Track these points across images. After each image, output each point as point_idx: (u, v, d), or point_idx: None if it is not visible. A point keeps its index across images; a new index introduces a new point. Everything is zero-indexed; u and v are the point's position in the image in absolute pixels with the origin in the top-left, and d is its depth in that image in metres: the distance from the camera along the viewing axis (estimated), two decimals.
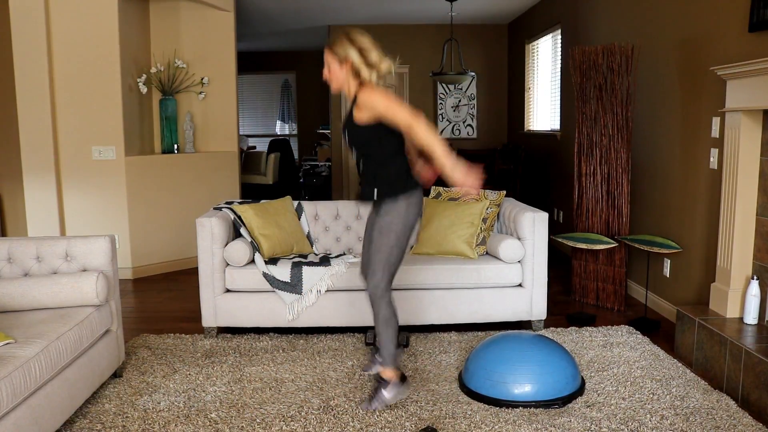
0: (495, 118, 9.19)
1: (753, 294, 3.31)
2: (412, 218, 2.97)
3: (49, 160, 5.26)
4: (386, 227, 2.92)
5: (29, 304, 2.98)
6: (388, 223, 2.92)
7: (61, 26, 5.20)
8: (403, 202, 2.92)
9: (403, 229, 2.93)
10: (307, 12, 8.09)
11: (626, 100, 4.41)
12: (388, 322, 2.95)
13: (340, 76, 2.89)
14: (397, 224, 2.91)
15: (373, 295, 2.94)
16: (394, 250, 2.94)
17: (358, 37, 2.86)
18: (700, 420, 2.84)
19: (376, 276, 2.93)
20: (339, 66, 2.87)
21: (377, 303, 2.94)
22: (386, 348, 2.98)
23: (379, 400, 2.97)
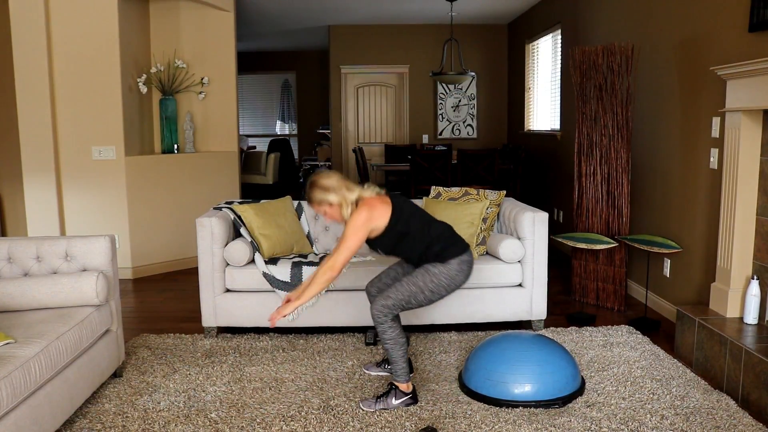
0: (495, 118, 9.19)
1: (753, 294, 3.31)
2: (461, 280, 2.99)
3: (49, 160, 5.26)
4: (432, 273, 2.95)
5: (29, 304, 2.98)
6: (436, 272, 2.95)
7: (61, 26, 5.20)
8: (454, 263, 2.96)
9: (445, 284, 2.97)
10: (307, 12, 8.09)
11: (626, 100, 4.41)
12: (396, 341, 2.95)
13: (336, 215, 2.98)
14: (443, 278, 2.95)
15: (377, 317, 2.93)
16: (423, 295, 2.95)
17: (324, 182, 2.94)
18: (700, 420, 2.84)
19: (387, 301, 2.93)
20: (330, 207, 2.96)
21: (381, 326, 2.94)
22: (397, 365, 2.98)
23: (385, 403, 2.97)
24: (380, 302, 2.93)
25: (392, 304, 2.92)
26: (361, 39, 9.01)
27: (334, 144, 9.36)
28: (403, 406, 2.98)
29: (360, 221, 2.88)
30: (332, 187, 2.92)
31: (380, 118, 9.29)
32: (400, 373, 2.98)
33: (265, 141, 12.36)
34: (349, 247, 2.87)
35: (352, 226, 2.88)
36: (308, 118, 12.56)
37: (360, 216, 2.88)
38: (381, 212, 2.92)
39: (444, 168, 6.52)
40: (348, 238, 2.87)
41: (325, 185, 2.93)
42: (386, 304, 2.92)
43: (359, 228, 2.88)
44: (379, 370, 3.40)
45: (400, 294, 2.93)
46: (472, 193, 4.37)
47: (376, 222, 2.91)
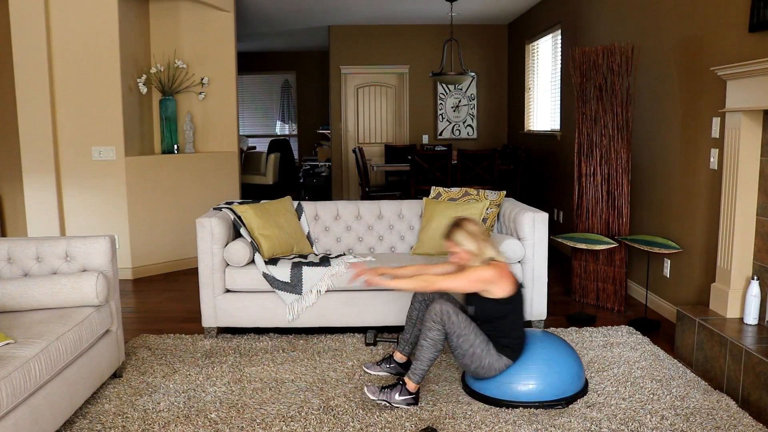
0: (495, 118, 9.19)
1: (753, 294, 3.30)
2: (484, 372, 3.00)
3: (49, 160, 5.26)
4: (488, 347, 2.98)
5: (29, 304, 2.98)
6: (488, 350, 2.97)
7: (61, 26, 5.20)
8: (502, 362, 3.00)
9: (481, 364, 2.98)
10: (307, 12, 8.09)
11: (626, 100, 4.41)
12: (435, 345, 2.95)
13: (464, 259, 3.05)
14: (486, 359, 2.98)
15: (433, 315, 2.93)
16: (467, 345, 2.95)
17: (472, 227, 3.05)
18: (701, 420, 2.84)
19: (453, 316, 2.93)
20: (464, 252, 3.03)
21: (432, 323, 2.93)
22: (422, 365, 2.97)
23: (388, 395, 2.97)
24: (448, 308, 2.94)
25: (455, 321, 2.93)
26: (361, 39, 9.01)
27: (334, 144, 9.36)
28: (404, 404, 2.98)
29: (484, 276, 2.95)
30: (477, 236, 3.02)
31: (380, 119, 9.29)
32: (418, 373, 2.98)
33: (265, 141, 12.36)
34: (457, 286, 2.98)
35: (475, 275, 2.95)
36: (308, 118, 12.56)
37: (488, 273, 2.95)
38: (505, 285, 2.98)
39: (444, 168, 6.52)
40: (464, 280, 2.96)
41: (471, 231, 3.02)
42: (451, 316, 2.93)
43: (478, 281, 2.96)
44: (379, 369, 3.40)
45: (464, 326, 2.94)
46: (472, 193, 4.37)
47: (494, 288, 2.96)
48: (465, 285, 2.97)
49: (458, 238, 3.02)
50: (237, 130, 6.33)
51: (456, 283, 2.97)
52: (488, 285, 2.96)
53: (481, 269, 2.96)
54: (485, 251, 3.02)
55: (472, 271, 2.97)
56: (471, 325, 2.96)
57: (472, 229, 3.02)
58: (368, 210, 4.49)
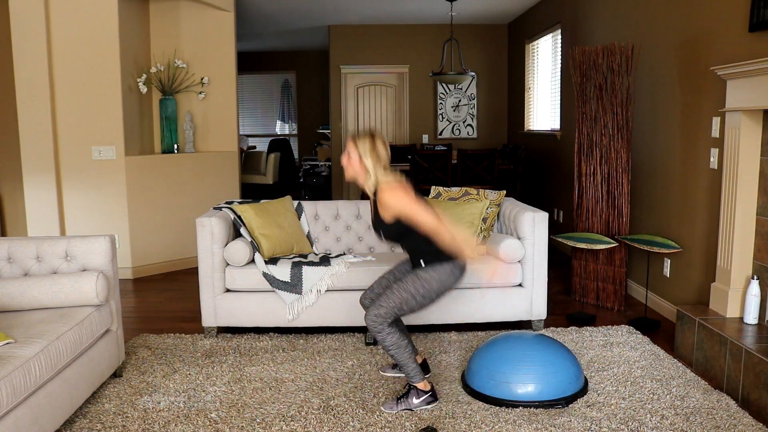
0: (495, 118, 9.19)
1: (753, 294, 3.31)
2: (451, 284, 2.98)
3: (49, 160, 5.26)
4: (423, 278, 2.93)
5: (29, 303, 2.98)
6: (427, 277, 2.93)
7: (61, 26, 5.20)
8: (448, 268, 2.95)
9: (436, 288, 2.95)
10: (307, 12, 8.09)
11: (626, 100, 4.41)
12: (398, 345, 2.93)
13: (357, 169, 2.95)
14: (434, 283, 2.94)
15: (372, 327, 2.91)
16: (414, 301, 2.93)
17: (380, 147, 2.93)
18: (701, 420, 2.84)
19: (380, 310, 2.91)
20: (358, 161, 2.93)
21: (379, 335, 2.92)
22: (407, 367, 2.96)
23: (406, 403, 2.96)
24: (373, 312, 2.91)
25: (384, 312, 2.90)
26: (361, 39, 9.01)
27: (334, 144, 9.35)
28: (425, 404, 2.97)
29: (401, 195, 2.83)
30: (379, 155, 2.90)
31: (380, 118, 9.29)
32: (412, 375, 2.97)
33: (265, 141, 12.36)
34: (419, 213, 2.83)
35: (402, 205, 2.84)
36: (308, 118, 12.56)
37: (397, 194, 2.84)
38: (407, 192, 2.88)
39: (444, 168, 6.52)
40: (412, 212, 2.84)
41: (377, 148, 2.90)
42: (378, 313, 2.90)
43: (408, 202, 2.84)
44: (395, 372, 3.39)
45: (391, 302, 2.91)
46: (472, 193, 4.37)
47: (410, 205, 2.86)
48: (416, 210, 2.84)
49: (361, 148, 2.90)
50: (237, 129, 6.33)
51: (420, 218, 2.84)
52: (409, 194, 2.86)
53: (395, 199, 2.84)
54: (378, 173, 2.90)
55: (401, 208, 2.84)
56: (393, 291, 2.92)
57: (378, 148, 2.90)
58: (368, 210, 4.49)
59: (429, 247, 2.95)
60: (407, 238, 2.99)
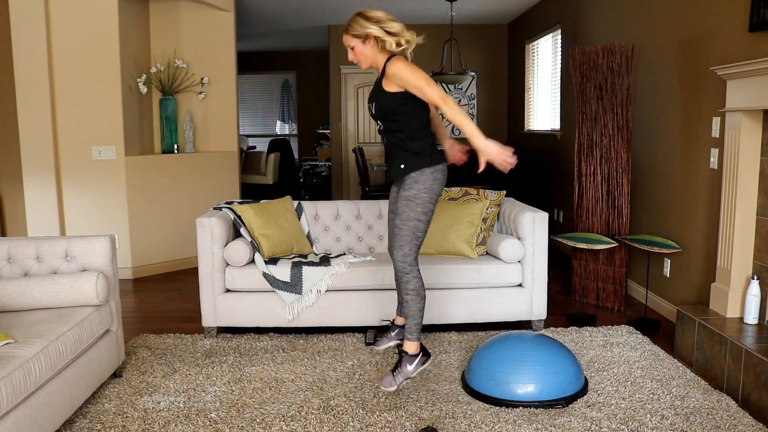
0: (495, 118, 9.19)
1: (753, 294, 3.30)
2: (438, 188, 2.95)
3: (49, 160, 5.26)
4: (412, 198, 2.91)
5: (29, 304, 2.98)
6: (414, 194, 2.91)
7: (61, 26, 5.20)
8: (429, 174, 2.91)
9: (429, 198, 2.93)
10: (307, 12, 8.09)
11: (626, 100, 4.41)
12: (419, 293, 2.94)
13: (367, 53, 2.89)
14: (423, 195, 2.91)
15: (402, 268, 2.92)
16: (419, 221, 2.92)
17: (373, 12, 2.86)
18: (701, 420, 2.84)
19: (403, 249, 2.91)
20: (362, 44, 2.87)
21: (406, 276, 2.93)
22: (414, 319, 2.96)
23: (402, 372, 2.97)
24: (397, 254, 2.91)
25: (407, 249, 2.90)
26: None
27: (334, 144, 9.35)
28: (420, 366, 2.99)
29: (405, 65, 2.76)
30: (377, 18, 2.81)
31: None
32: (414, 330, 2.97)
33: (265, 141, 12.37)
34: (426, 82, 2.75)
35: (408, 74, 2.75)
36: (308, 118, 12.56)
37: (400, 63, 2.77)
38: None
39: None
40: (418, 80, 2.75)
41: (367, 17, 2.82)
42: (403, 252, 2.90)
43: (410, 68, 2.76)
44: (386, 341, 3.29)
45: (405, 236, 2.90)
46: (472, 193, 4.37)
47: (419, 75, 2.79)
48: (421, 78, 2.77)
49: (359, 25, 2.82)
50: (237, 129, 6.33)
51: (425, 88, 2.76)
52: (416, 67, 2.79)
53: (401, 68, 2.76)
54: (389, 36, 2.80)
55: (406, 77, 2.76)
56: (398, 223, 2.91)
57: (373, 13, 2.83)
58: (368, 210, 4.49)
59: (411, 144, 2.89)
60: (395, 123, 2.91)
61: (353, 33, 2.87)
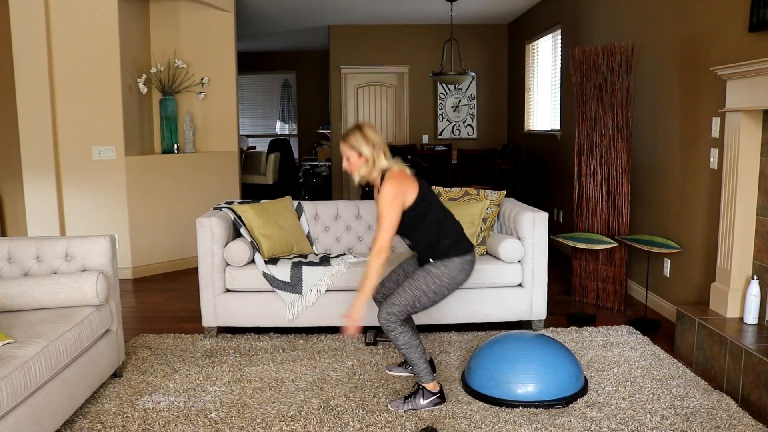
0: (495, 118, 9.19)
1: (753, 294, 3.31)
2: (462, 279, 2.99)
3: (49, 160, 5.26)
4: (434, 275, 2.94)
5: (29, 304, 2.98)
6: (438, 273, 2.94)
7: (61, 26, 5.20)
8: (458, 263, 2.96)
9: (447, 284, 2.95)
10: (307, 12, 8.09)
11: (626, 100, 4.41)
12: (410, 344, 2.94)
13: (356, 167, 2.95)
14: (445, 279, 2.94)
15: (386, 326, 2.91)
16: (426, 297, 2.94)
17: (371, 134, 2.93)
18: (701, 420, 2.84)
19: (392, 308, 2.91)
20: (357, 157, 2.94)
21: (392, 333, 2.92)
22: (418, 367, 2.97)
23: (413, 403, 2.97)
24: (386, 310, 2.91)
25: (397, 311, 2.90)
26: (361, 39, 9.01)
27: (334, 144, 9.35)
28: (432, 405, 2.98)
29: (391, 196, 2.84)
30: (373, 142, 2.89)
31: (380, 118, 9.29)
32: (422, 374, 2.97)
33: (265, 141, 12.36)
34: (389, 226, 2.84)
35: (385, 203, 2.84)
36: (308, 118, 12.56)
37: (390, 190, 2.84)
38: (409, 188, 2.89)
39: (444, 168, 6.52)
40: (385, 216, 2.84)
41: (367, 136, 2.90)
42: (392, 311, 2.90)
43: (392, 202, 2.84)
44: (401, 370, 3.39)
45: (404, 299, 2.91)
46: (472, 193, 4.37)
47: (407, 195, 2.88)
48: (390, 219, 2.84)
49: (354, 141, 2.90)
50: (237, 130, 6.33)
51: (384, 227, 2.84)
52: (401, 199, 2.85)
53: (384, 194, 2.84)
54: (380, 160, 2.89)
55: (382, 204, 2.85)
56: (405, 288, 2.92)
57: (369, 134, 2.90)
58: (368, 210, 4.49)
59: (438, 243, 2.95)
60: (415, 232, 2.97)
61: (350, 144, 2.93)
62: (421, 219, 2.94)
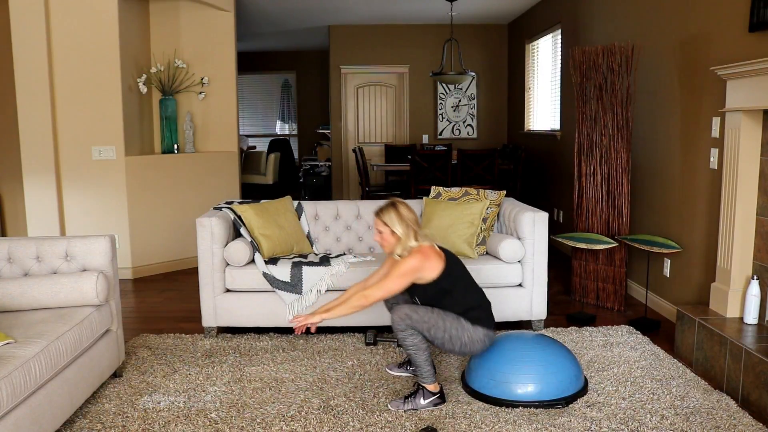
0: (495, 118, 9.19)
1: (753, 294, 3.30)
2: (474, 349, 3.00)
3: (49, 160, 5.26)
4: (462, 324, 2.95)
5: (29, 304, 2.98)
6: (465, 326, 2.95)
7: (61, 26, 5.20)
8: (482, 332, 2.98)
9: (464, 342, 2.96)
10: (307, 12, 8.09)
11: (626, 100, 4.41)
12: (418, 347, 2.93)
13: (389, 244, 3.01)
14: (466, 335, 2.95)
15: (397, 324, 2.90)
16: (442, 334, 2.92)
17: (406, 213, 2.98)
18: (700, 420, 2.84)
19: (413, 316, 2.89)
20: (390, 234, 2.99)
21: (401, 332, 2.92)
22: (422, 368, 2.97)
23: (413, 403, 2.97)
24: (405, 312, 2.90)
25: (415, 321, 2.89)
26: (361, 39, 9.01)
27: (334, 144, 9.35)
28: (432, 406, 2.98)
29: (409, 267, 2.91)
30: (407, 221, 2.96)
31: (380, 118, 9.29)
32: (426, 376, 2.97)
33: (265, 141, 12.36)
34: (389, 289, 2.94)
35: (400, 270, 2.91)
36: (308, 118, 12.56)
37: (411, 262, 2.91)
38: (433, 264, 2.94)
39: (444, 168, 6.52)
40: (392, 280, 2.92)
41: (402, 215, 2.97)
42: (411, 315, 2.89)
43: (406, 273, 2.91)
44: (401, 371, 3.39)
45: (426, 317, 2.90)
46: (472, 193, 4.37)
47: (425, 273, 2.94)
48: (396, 284, 2.93)
49: (389, 218, 2.96)
50: (237, 129, 6.33)
51: (387, 286, 2.93)
52: (417, 273, 2.92)
53: (404, 261, 2.91)
54: (409, 241, 2.95)
55: (396, 268, 2.93)
56: (434, 312, 2.93)
57: (405, 214, 2.97)
58: (368, 210, 4.49)
59: (465, 314, 2.98)
60: (440, 305, 2.99)
61: (384, 221, 2.99)
62: (446, 293, 2.98)
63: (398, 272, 2.91)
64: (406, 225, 2.96)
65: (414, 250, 2.94)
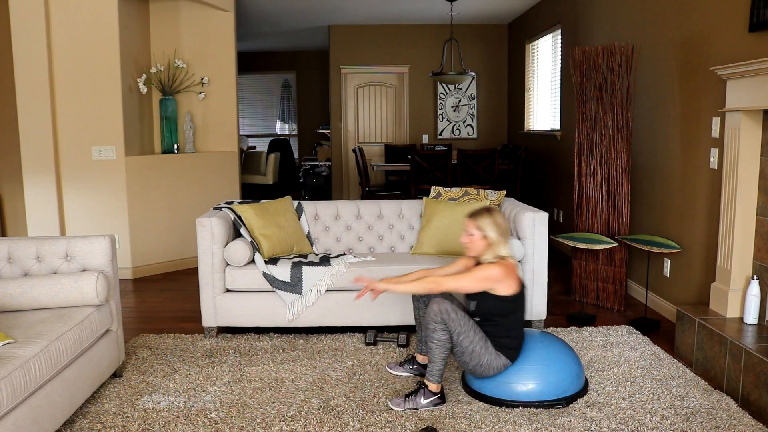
0: (495, 118, 9.19)
1: (753, 294, 3.30)
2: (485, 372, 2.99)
3: (49, 160, 5.26)
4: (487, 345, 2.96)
5: (29, 304, 2.98)
6: (489, 348, 2.96)
7: (61, 26, 5.20)
8: (503, 361, 2.99)
9: (481, 362, 2.96)
10: (307, 12, 8.09)
11: (626, 100, 4.41)
12: (444, 345, 2.93)
13: (477, 247, 3.03)
14: (485, 357, 2.96)
15: (434, 316, 2.90)
16: (468, 344, 2.93)
17: (502, 222, 3.02)
18: (700, 420, 2.84)
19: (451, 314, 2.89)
20: (481, 238, 3.01)
21: (435, 324, 2.90)
22: (436, 365, 2.97)
23: (413, 402, 2.97)
24: (446, 306, 2.90)
25: (454, 318, 2.90)
26: (361, 39, 9.02)
27: (334, 144, 9.36)
28: (432, 406, 2.98)
29: (491, 274, 2.93)
30: (501, 229, 3.00)
31: (380, 118, 9.29)
32: (435, 374, 2.97)
33: (265, 141, 12.37)
34: (464, 286, 2.98)
35: (482, 274, 2.95)
36: (308, 118, 12.56)
37: (495, 271, 2.93)
38: (511, 283, 2.97)
39: (444, 168, 6.52)
40: (470, 279, 2.95)
41: (498, 222, 3.01)
42: (451, 314, 2.89)
43: (486, 279, 2.94)
44: (402, 370, 3.39)
45: (462, 322, 2.91)
46: (472, 193, 4.37)
47: (501, 286, 2.96)
48: (472, 284, 2.96)
49: (483, 222, 3.00)
50: (237, 130, 6.33)
51: (463, 282, 2.96)
52: (495, 283, 2.95)
53: (489, 267, 2.95)
54: (500, 247, 3.00)
55: (479, 270, 2.96)
56: (470, 322, 2.95)
57: (500, 221, 3.02)
58: (368, 210, 4.49)
59: (499, 338, 2.99)
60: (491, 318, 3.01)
61: (477, 224, 3.02)
62: (503, 314, 2.99)
63: (479, 275, 2.94)
64: (501, 233, 3.00)
65: (501, 262, 2.97)
